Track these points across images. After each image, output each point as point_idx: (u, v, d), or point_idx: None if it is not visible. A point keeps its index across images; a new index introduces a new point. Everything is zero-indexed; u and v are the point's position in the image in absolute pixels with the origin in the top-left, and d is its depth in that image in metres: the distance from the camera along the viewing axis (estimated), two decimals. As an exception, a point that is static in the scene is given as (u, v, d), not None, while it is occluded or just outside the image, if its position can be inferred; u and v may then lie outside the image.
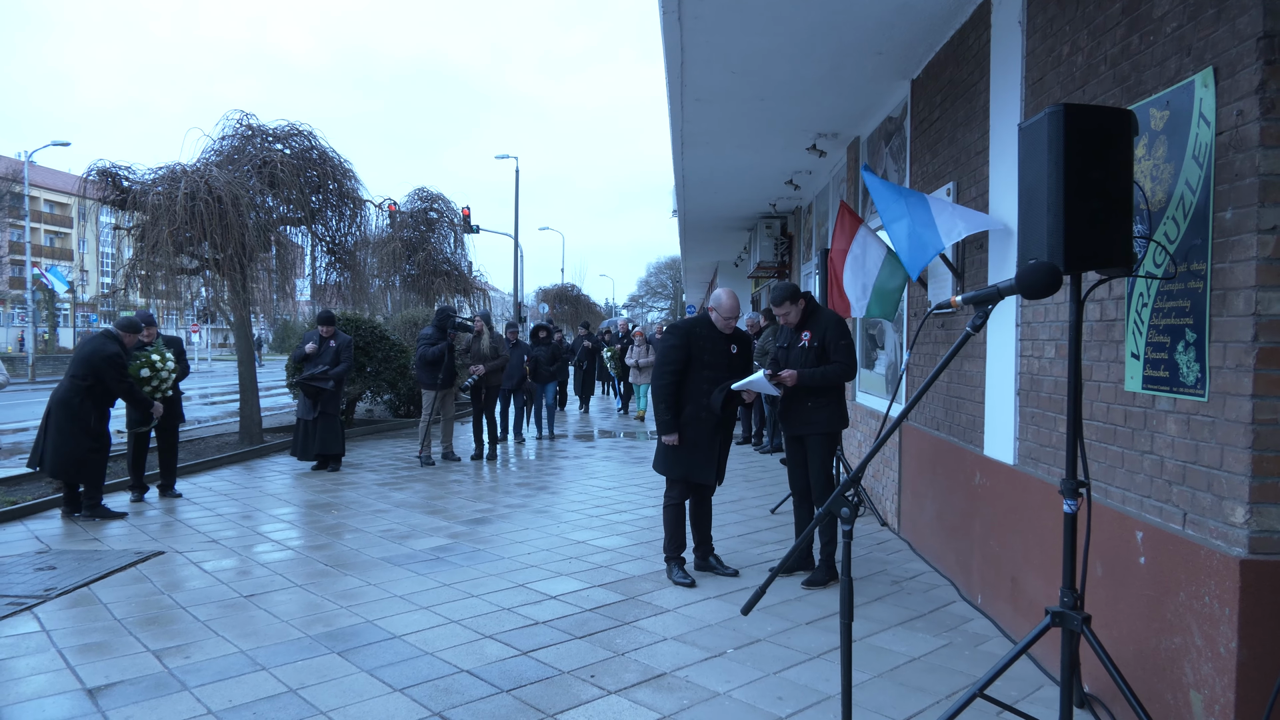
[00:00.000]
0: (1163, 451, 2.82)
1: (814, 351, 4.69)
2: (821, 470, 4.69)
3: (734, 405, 4.73)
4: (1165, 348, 2.79)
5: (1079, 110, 2.53)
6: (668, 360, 4.70)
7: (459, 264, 15.87)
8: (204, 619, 4.19)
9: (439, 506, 6.93)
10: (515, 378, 10.66)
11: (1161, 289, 2.81)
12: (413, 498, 7.32)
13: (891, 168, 6.39)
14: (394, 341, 12.25)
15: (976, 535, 4.34)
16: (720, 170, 9.26)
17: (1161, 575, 2.77)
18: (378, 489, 7.73)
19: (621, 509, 6.82)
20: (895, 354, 6.32)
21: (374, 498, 7.30)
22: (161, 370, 6.91)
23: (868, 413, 6.95)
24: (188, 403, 16.45)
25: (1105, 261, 2.53)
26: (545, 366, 11.28)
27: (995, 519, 4.10)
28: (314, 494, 7.52)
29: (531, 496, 7.42)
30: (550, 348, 11.44)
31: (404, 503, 7.08)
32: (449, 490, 7.69)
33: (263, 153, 10.14)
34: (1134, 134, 2.58)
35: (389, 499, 7.26)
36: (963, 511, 4.55)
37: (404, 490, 7.67)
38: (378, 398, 12.99)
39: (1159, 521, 2.83)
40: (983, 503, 4.26)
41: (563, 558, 5.31)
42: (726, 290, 4.77)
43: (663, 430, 4.73)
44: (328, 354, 8.72)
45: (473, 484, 8.06)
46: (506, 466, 9.11)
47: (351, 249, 11.22)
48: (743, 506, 6.87)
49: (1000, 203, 4.14)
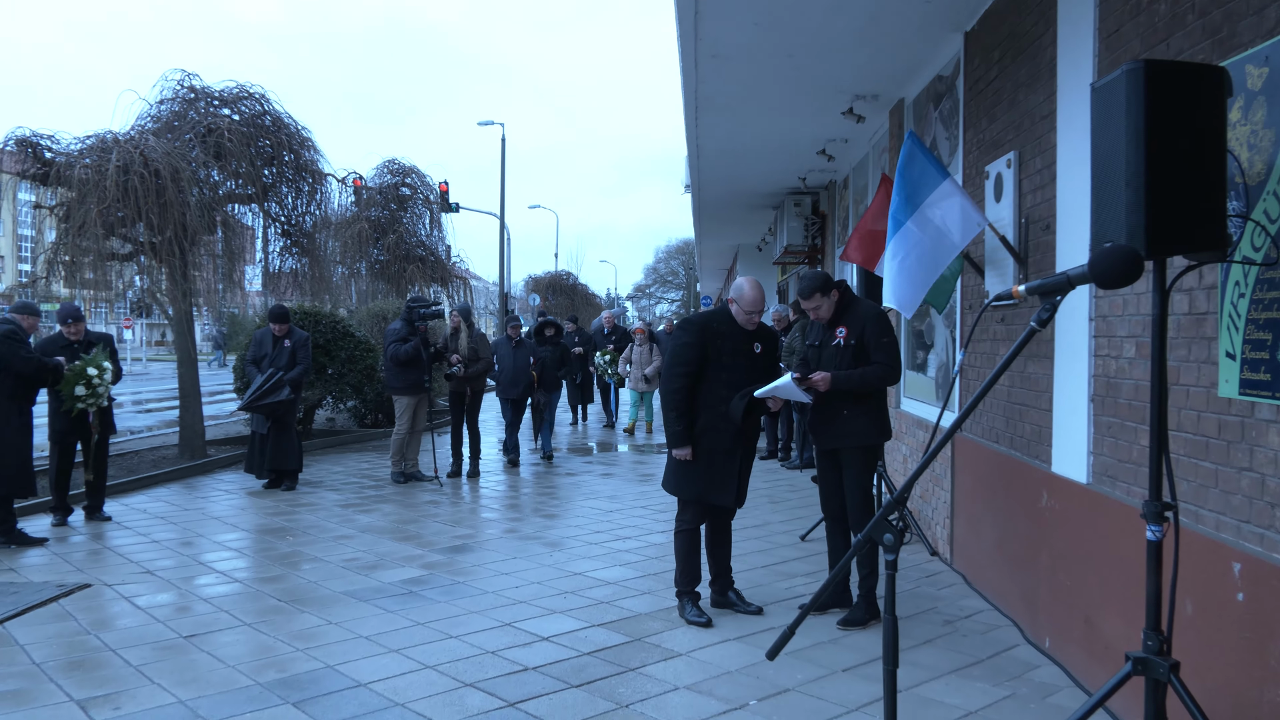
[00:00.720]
0: (1264, 468, 2.81)
1: (851, 351, 4.69)
2: (860, 490, 4.70)
3: (757, 414, 4.75)
4: (1266, 346, 2.78)
5: (1162, 67, 2.51)
6: (679, 360, 4.71)
7: (435, 248, 15.93)
8: (137, 663, 4.20)
9: (412, 532, 6.95)
10: (520, 385, 10.06)
11: (1261, 277, 2.79)
12: (381, 521, 7.35)
13: (941, 135, 6.38)
14: (359, 339, 12.31)
15: (1043, 567, 4.34)
16: (741, 139, 9.26)
17: (1263, 614, 2.76)
18: (340, 511, 7.76)
19: (625, 535, 6.82)
20: (946, 353, 6.31)
21: (336, 521, 7.33)
22: (100, 386, 6.96)
23: (914, 422, 6.94)
24: (119, 410, 16.55)
25: (1194, 245, 2.51)
26: (553, 371, 10.70)
27: (1065, 548, 4.09)
28: (266, 517, 7.55)
29: (520, 520, 7.44)
30: (558, 349, 10.84)
31: (371, 527, 7.11)
32: (423, 513, 7.71)
33: (207, 119, 10.20)
34: (1227, 94, 2.56)
35: (353, 523, 7.28)
36: (1027, 539, 4.55)
37: (371, 513, 7.70)
38: (340, 404, 13.04)
39: (1260, 551, 2.81)
40: (1051, 528, 4.25)
41: (557, 592, 5.32)
42: (749, 279, 4.79)
43: (673, 443, 4.73)
44: (282, 355, 8.76)
45: (451, 506, 8.08)
46: (491, 486, 9.13)
47: (310, 231, 11.28)
48: (768, 532, 6.86)
49: (1071, 176, 4.14)
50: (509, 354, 10.05)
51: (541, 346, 10.66)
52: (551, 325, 10.82)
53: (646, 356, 13.09)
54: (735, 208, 14.31)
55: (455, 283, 16.26)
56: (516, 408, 10.18)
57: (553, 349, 10.70)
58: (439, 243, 16.13)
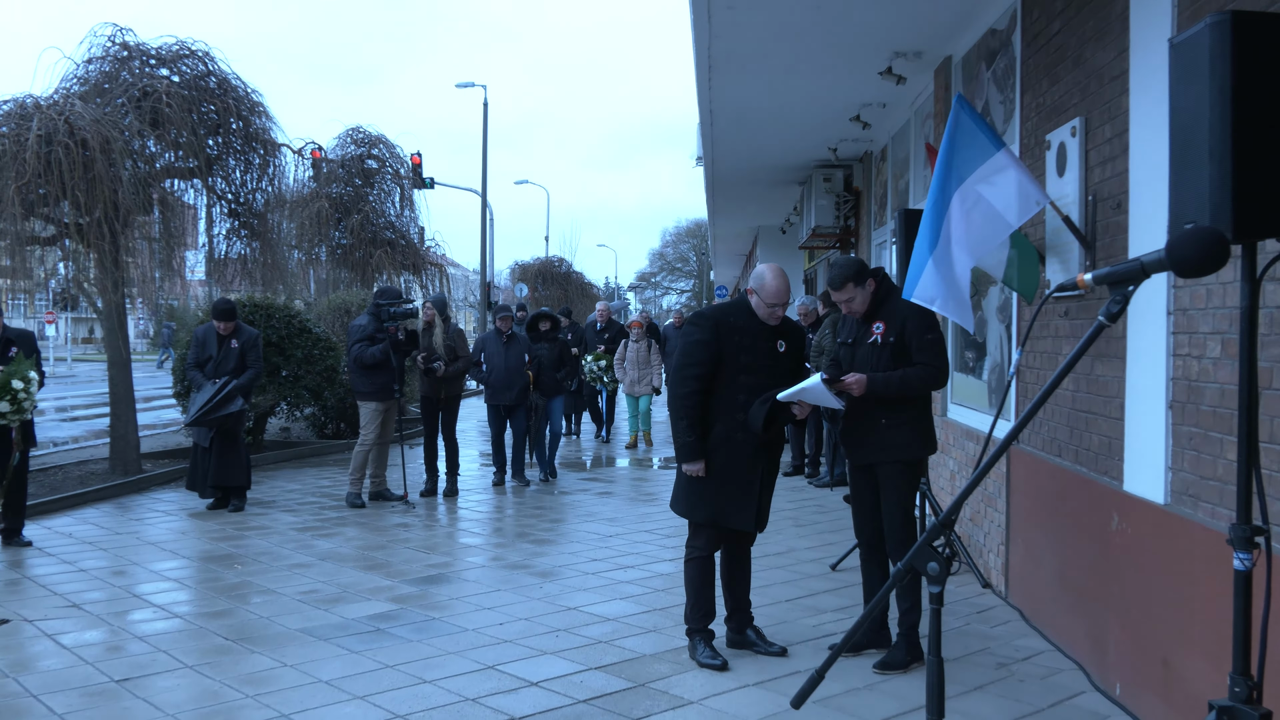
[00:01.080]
0: (1370, 487, 2.80)
1: (889, 349, 4.70)
2: (900, 511, 4.70)
3: (781, 423, 4.75)
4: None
5: (1253, 19, 2.51)
6: (691, 360, 4.72)
7: (406, 230, 15.98)
8: (62, 711, 4.21)
9: (379, 560, 6.96)
10: (515, 388, 9.79)
11: (1368, 263, 2.79)
12: (344, 548, 7.37)
13: (995, 98, 6.38)
14: (319, 335, 12.34)
15: (1114, 601, 4.34)
16: (761, 104, 9.28)
17: (1368, 656, 2.76)
18: (297, 536, 7.79)
19: (627, 564, 6.84)
20: (1001, 353, 6.32)
21: (292, 547, 7.35)
22: (26, 400, 6.99)
23: (963, 433, 6.94)
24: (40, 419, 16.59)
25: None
26: (550, 373, 10.28)
27: (1140, 579, 4.09)
28: (210, 542, 7.57)
29: (505, 547, 7.45)
30: (555, 346, 10.41)
31: (332, 554, 7.12)
32: (393, 538, 7.74)
33: (143, 80, 10.24)
34: (1330, 51, 2.55)
35: (312, 549, 7.30)
36: (1095, 568, 4.55)
37: (332, 537, 7.72)
38: (296, 411, 13.08)
39: (1365, 583, 2.80)
40: (1123, 556, 4.25)
41: (547, 630, 5.33)
42: (771, 267, 4.79)
43: (683, 456, 4.74)
44: (230, 358, 8.77)
45: (424, 530, 8.10)
46: (471, 506, 9.16)
47: (262, 210, 11.29)
48: (793, 561, 6.87)
49: (1146, 146, 4.14)
50: (499, 351, 9.77)
51: (537, 344, 10.32)
52: (547, 318, 10.53)
53: (644, 355, 12.97)
54: (755, 184, 14.32)
55: (429, 270, 16.30)
56: (510, 417, 9.95)
57: (549, 346, 10.35)
58: (410, 224, 16.17)
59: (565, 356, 10.49)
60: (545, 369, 10.22)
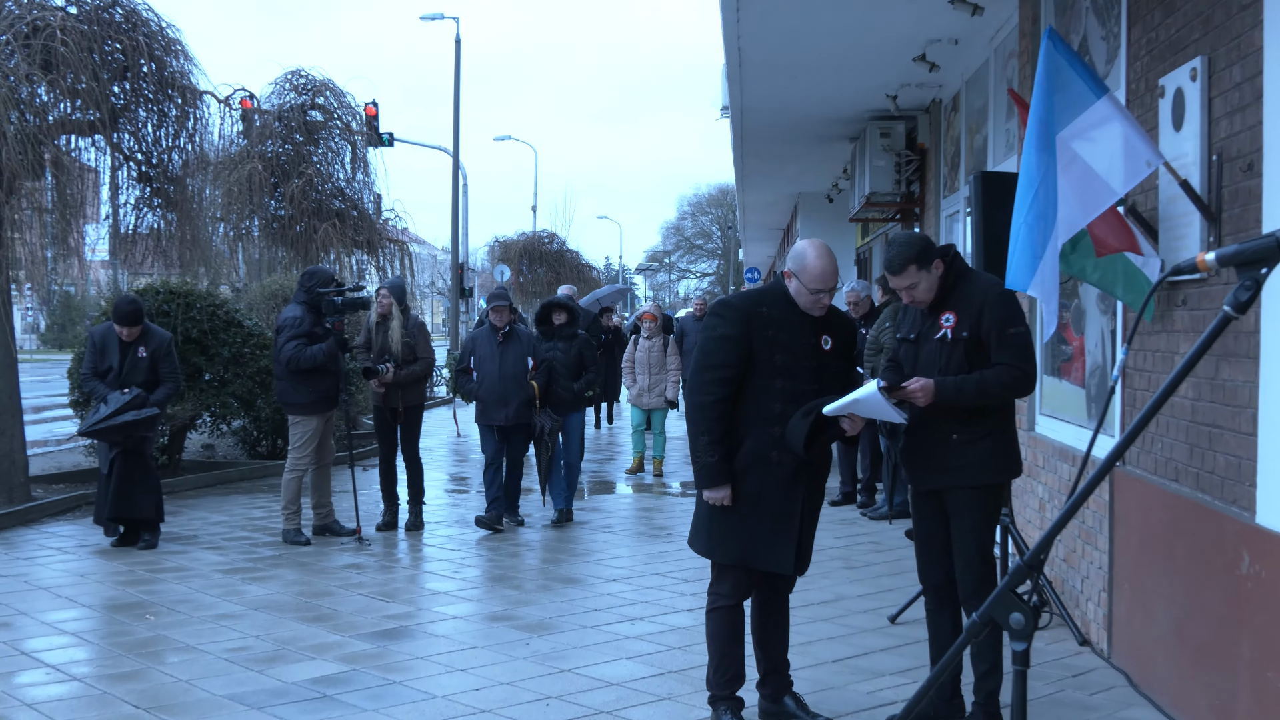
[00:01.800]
0: None
1: (962, 347, 4.71)
2: (976, 549, 4.70)
3: (827, 440, 4.73)
4: None
5: None
6: (714, 361, 4.71)
7: (359, 198, 16.00)
8: (-67, 797, 4.24)
9: (325, 610, 6.98)
10: (513, 402, 9.30)
11: None
12: (281, 594, 7.38)
13: (1095, 32, 6.37)
14: (250, 329, 12.38)
15: (1244, 661, 4.32)
16: (802, 39, 9.27)
17: None
18: (223, 579, 7.81)
19: (635, 615, 6.84)
20: (1102, 351, 6.31)
21: (217, 593, 7.36)
22: None
23: (1054, 451, 6.93)
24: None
25: None
26: (567, 382, 9.72)
27: (1278, 633, 4.06)
28: (116, 587, 7.58)
29: (483, 592, 7.44)
30: (574, 345, 9.86)
31: (267, 602, 7.13)
32: (343, 582, 7.76)
33: (32, 13, 10.26)
34: None
35: (242, 596, 7.32)
36: (1220, 620, 4.53)
37: (267, 582, 7.74)
38: (222, 425, 13.14)
39: None
40: (1255, 605, 4.23)
41: (535, 697, 5.33)
42: (814, 243, 4.77)
43: (704, 481, 4.74)
44: (138, 369, 8.73)
45: (382, 572, 8.13)
46: (440, 543, 9.17)
47: (180, 174, 11.29)
48: (842, 611, 6.88)
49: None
50: (493, 353, 9.41)
51: (549, 342, 9.83)
52: (562, 309, 9.98)
53: (659, 355, 12.84)
54: (794, 140, 14.28)
55: (388, 248, 16.32)
56: (507, 443, 9.47)
57: (565, 346, 9.81)
58: (364, 191, 16.18)
59: (586, 358, 9.93)
60: (559, 376, 9.67)
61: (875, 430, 9.71)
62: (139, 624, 6.64)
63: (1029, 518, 7.44)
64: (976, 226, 6.61)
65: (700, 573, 7.43)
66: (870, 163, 12.25)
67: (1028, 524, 7.41)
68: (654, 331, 12.93)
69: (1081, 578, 6.40)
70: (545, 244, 37.67)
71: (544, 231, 40.16)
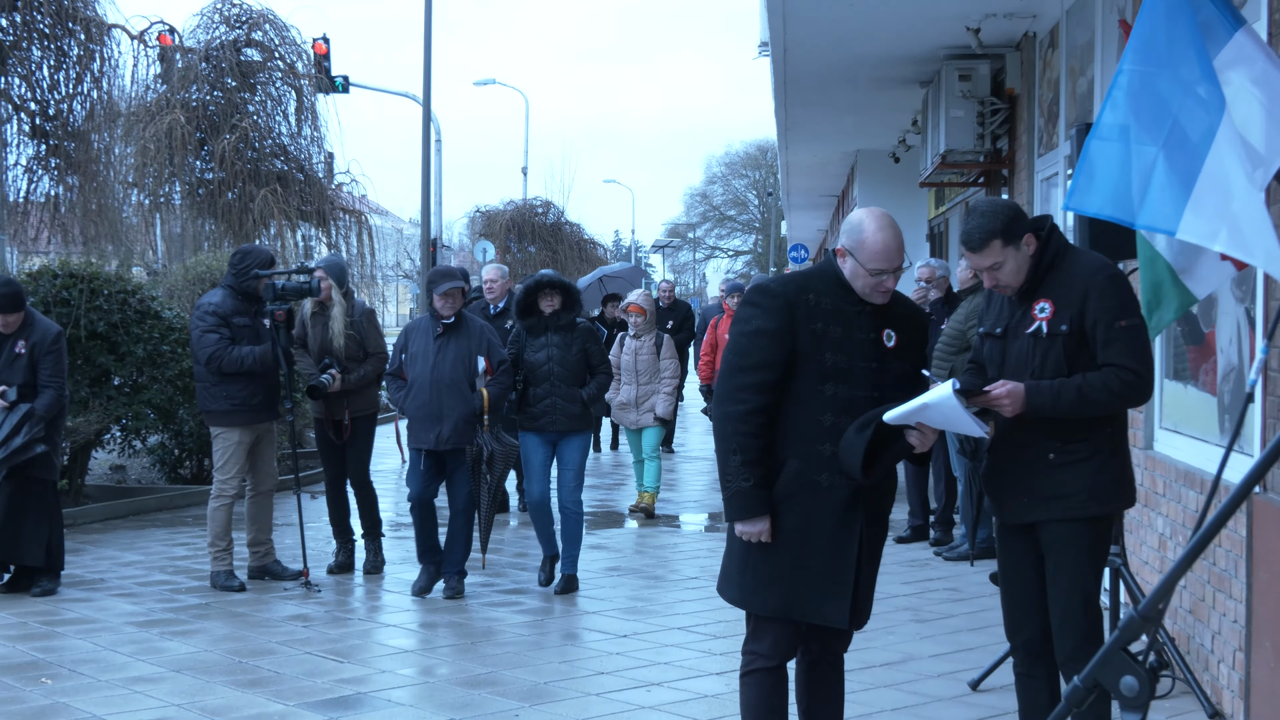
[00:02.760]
0: None
1: (1060, 343, 4.70)
2: (1079, 597, 4.67)
3: (890, 460, 4.71)
4: None
5: None
6: (749, 361, 4.70)
7: (306, 158, 15.98)
8: None
9: (265, 672, 6.96)
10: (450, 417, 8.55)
11: None
12: (210, 652, 7.36)
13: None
14: (170, 322, 12.33)
15: None
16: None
17: None
18: (137, 634, 7.78)
19: (652, 678, 6.83)
20: (1237, 350, 6.28)
21: (130, 651, 7.33)
22: None
23: (1178, 475, 6.90)
24: None
25: None
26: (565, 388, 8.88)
27: None
28: (4, 643, 7.56)
29: (459, 651, 7.41)
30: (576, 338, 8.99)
31: (192, 662, 7.11)
32: (286, 638, 7.73)
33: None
34: None
35: (160, 654, 7.31)
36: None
37: (192, 636, 7.72)
38: (135, 440, 13.12)
39: None
40: None
41: (526, 781, 5.34)
42: (875, 213, 4.76)
43: (737, 510, 4.71)
44: (16, 368, 8.64)
45: (332, 625, 8.12)
46: (403, 588, 9.07)
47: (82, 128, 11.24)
48: (911, 674, 6.86)
49: None
50: (427, 350, 8.73)
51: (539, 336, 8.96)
52: (556, 289, 9.00)
53: (649, 359, 12.17)
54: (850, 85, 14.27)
55: (343, 221, 16.31)
56: (448, 479, 8.91)
57: (563, 340, 8.95)
58: (312, 149, 16.18)
59: (593, 356, 9.15)
60: (557, 384, 8.88)
61: (949, 445, 9.68)
62: (33, 689, 6.61)
63: (1145, 558, 7.41)
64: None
65: (733, 627, 7.32)
66: (946, 113, 12.19)
67: (1143, 565, 7.39)
68: (643, 328, 12.39)
69: (1212, 633, 6.35)
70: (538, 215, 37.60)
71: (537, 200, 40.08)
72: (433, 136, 28.85)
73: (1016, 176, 12.06)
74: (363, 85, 26.57)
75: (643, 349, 12.30)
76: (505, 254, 34.77)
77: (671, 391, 12.42)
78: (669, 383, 12.35)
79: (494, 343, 8.90)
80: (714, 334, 14.21)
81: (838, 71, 13.59)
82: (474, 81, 57.03)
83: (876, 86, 14.28)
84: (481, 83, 48.96)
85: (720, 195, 79.04)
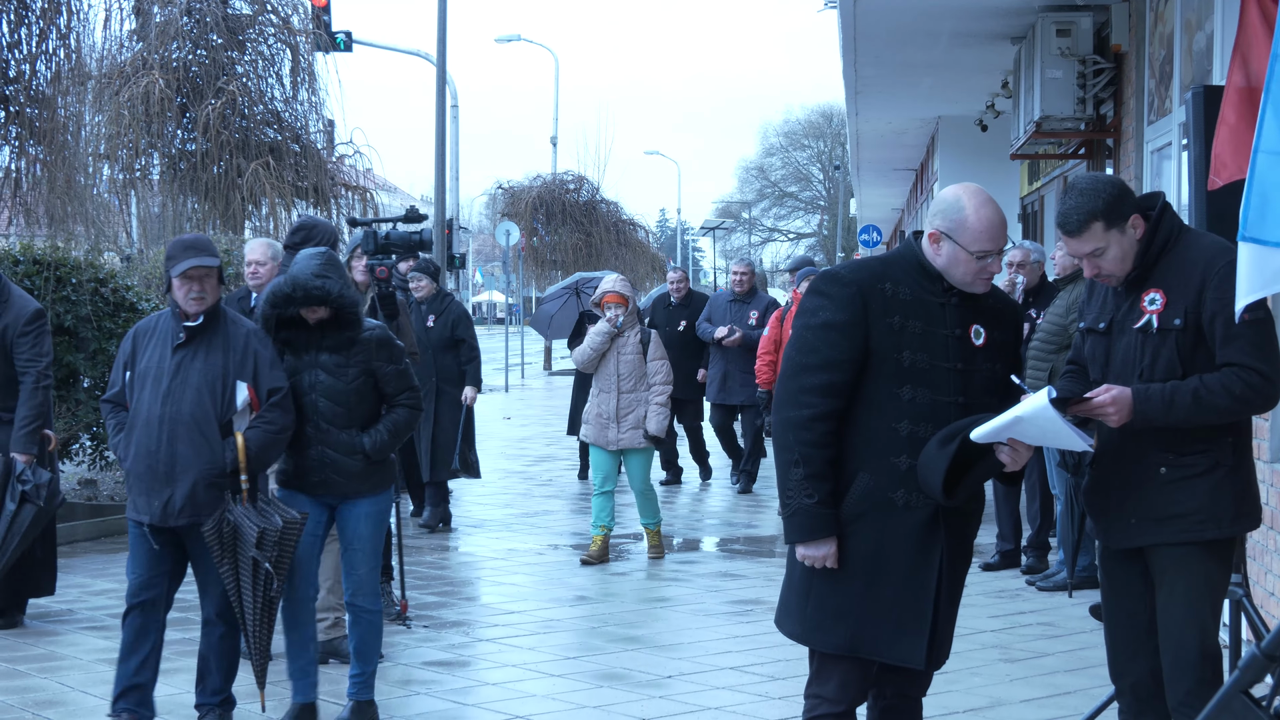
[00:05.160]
0: None
1: (1174, 340, 4.72)
2: (1194, 631, 4.68)
3: (977, 478, 4.67)
4: None
5: None
6: (814, 360, 4.67)
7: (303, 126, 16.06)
8: None
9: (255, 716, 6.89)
10: (183, 481, 6.35)
11: None
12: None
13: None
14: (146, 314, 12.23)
15: None
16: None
17: None
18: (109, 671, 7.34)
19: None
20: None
21: (102, 693, 7.20)
22: None
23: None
24: None
25: None
26: (337, 435, 6.78)
27: None
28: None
29: (464, 691, 7.29)
30: (353, 353, 6.75)
31: (169, 705, 7.08)
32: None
33: None
34: None
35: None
36: None
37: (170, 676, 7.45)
38: (106, 451, 12.93)
39: None
40: None
41: None
42: (972, 189, 4.71)
43: (798, 532, 4.67)
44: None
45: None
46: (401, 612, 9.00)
47: (47, 93, 11.15)
48: (998, 718, 6.93)
49: None
50: (160, 366, 6.49)
51: (313, 353, 6.73)
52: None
53: (633, 360, 10.84)
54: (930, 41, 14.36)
55: (346, 198, 16.43)
56: (189, 555, 6.80)
57: (336, 361, 6.74)
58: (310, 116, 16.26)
59: (386, 384, 6.91)
60: (324, 427, 6.72)
61: (1045, 460, 9.75)
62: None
63: (1271, 587, 7.37)
64: (1198, 165, 6.34)
65: (794, 666, 7.29)
66: (1042, 74, 12.17)
67: (1269, 597, 7.33)
68: (628, 319, 11.00)
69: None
70: (570, 192, 38.10)
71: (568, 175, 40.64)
72: (448, 101, 28.91)
73: (1123, 147, 11.99)
74: (368, 43, 26.80)
75: (625, 347, 10.95)
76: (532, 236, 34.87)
77: (664, 402, 11.01)
78: (660, 391, 10.96)
79: (265, 358, 6.59)
80: (778, 328, 13.14)
81: (915, 25, 13.66)
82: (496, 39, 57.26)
83: (961, 42, 14.35)
84: (504, 39, 49.33)
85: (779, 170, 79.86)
